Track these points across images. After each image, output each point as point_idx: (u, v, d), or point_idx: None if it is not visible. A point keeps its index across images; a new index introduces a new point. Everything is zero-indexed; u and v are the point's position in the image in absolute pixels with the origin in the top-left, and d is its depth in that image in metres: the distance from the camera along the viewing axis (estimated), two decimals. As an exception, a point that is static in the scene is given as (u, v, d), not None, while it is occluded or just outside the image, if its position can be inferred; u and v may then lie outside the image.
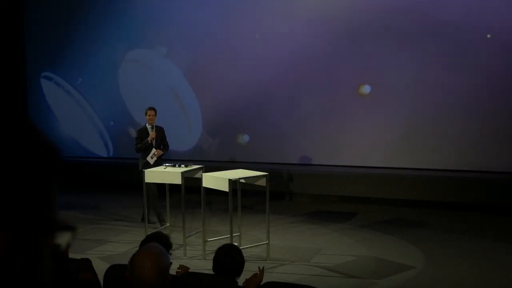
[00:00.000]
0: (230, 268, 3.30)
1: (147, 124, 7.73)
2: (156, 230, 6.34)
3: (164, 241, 3.30)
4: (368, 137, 9.37)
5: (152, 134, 7.64)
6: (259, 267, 3.52)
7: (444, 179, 8.65)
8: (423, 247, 6.56)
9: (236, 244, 5.67)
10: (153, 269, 2.15)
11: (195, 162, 7.78)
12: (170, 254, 3.02)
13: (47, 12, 11.92)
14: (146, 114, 7.75)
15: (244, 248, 4.71)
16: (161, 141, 7.77)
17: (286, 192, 9.49)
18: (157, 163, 7.47)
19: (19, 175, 0.62)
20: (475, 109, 8.77)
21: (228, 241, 5.73)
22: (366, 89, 9.46)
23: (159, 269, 2.16)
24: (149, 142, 7.60)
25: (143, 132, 7.71)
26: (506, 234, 7.12)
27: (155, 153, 7.59)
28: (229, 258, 3.32)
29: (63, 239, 0.67)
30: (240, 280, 3.37)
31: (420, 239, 6.92)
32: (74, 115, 11.79)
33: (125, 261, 2.41)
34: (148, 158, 7.56)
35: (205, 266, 5.69)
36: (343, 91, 9.54)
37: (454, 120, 8.90)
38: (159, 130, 7.77)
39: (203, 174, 6.47)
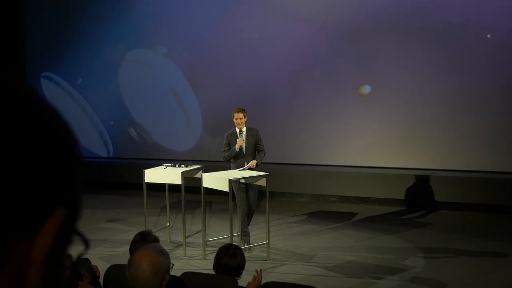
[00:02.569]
0: (231, 268, 3.30)
1: (236, 128, 6.59)
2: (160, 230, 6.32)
3: (150, 240, 3.32)
4: (368, 137, 9.36)
5: (239, 141, 6.46)
6: (256, 270, 3.51)
7: (444, 179, 8.65)
8: (423, 247, 6.56)
9: (236, 244, 5.67)
10: (149, 268, 2.15)
11: (195, 162, 7.78)
12: None
13: (47, 12, 11.93)
14: (233, 117, 6.58)
15: (244, 248, 4.71)
16: (254, 146, 6.59)
17: (286, 192, 9.49)
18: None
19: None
20: (475, 109, 8.76)
21: (228, 241, 5.73)
22: (366, 89, 9.46)
23: (156, 269, 2.16)
24: (237, 150, 6.49)
25: (232, 137, 6.57)
26: (506, 234, 7.12)
27: (246, 168, 6.45)
28: (230, 258, 3.32)
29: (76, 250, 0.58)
30: (241, 281, 3.37)
31: (420, 239, 6.92)
32: (74, 115, 11.79)
33: (125, 261, 2.42)
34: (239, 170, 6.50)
35: (205, 266, 5.69)
36: (343, 91, 9.54)
37: (454, 120, 8.90)
38: (251, 134, 6.58)
39: (203, 174, 6.47)
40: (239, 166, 6.49)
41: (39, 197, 0.50)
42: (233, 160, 6.59)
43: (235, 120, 6.54)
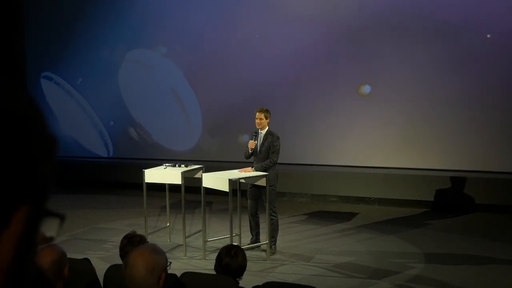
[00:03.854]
0: (232, 269, 3.30)
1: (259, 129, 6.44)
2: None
3: (136, 241, 3.33)
4: (368, 137, 9.36)
5: (251, 143, 6.37)
6: None
7: (444, 179, 8.65)
8: (423, 247, 6.56)
9: (237, 244, 5.66)
10: (145, 268, 2.16)
11: (195, 162, 7.77)
12: None
13: (47, 12, 11.93)
14: (255, 116, 6.43)
15: (244, 248, 4.71)
16: (268, 150, 6.37)
17: (286, 192, 9.48)
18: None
19: None
20: (475, 108, 8.76)
21: (228, 241, 5.73)
22: (366, 89, 9.46)
23: (151, 268, 2.17)
24: (250, 152, 6.41)
25: (252, 136, 6.49)
26: (506, 234, 7.12)
27: (245, 170, 6.38)
28: (231, 259, 3.31)
29: (51, 228, 0.57)
30: (242, 282, 3.36)
31: (420, 239, 6.92)
32: (74, 115, 11.80)
33: (125, 261, 2.43)
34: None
35: (205, 266, 5.69)
36: (343, 91, 9.54)
37: (454, 120, 8.90)
38: (267, 138, 6.38)
39: (203, 174, 6.47)
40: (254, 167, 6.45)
41: (4, 195, 0.49)
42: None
43: (256, 120, 6.40)
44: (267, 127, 6.45)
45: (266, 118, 6.39)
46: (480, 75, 8.69)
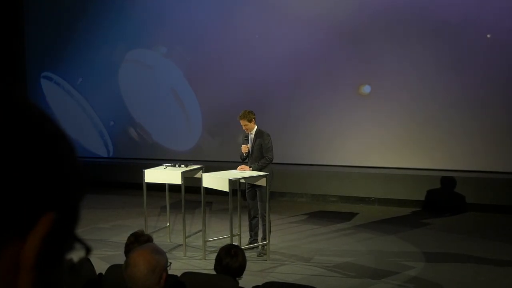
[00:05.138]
0: (233, 269, 3.30)
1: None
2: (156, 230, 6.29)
3: (143, 240, 3.33)
4: (368, 137, 9.36)
5: (243, 147, 6.40)
6: None
7: (444, 179, 8.65)
8: (423, 247, 6.56)
9: (237, 244, 5.66)
10: (146, 267, 2.16)
11: (195, 162, 7.77)
12: None
13: (47, 12, 11.93)
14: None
15: (244, 248, 4.71)
16: (261, 150, 6.38)
17: (286, 192, 9.48)
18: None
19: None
20: (475, 109, 8.76)
21: (228, 241, 5.73)
22: (366, 89, 9.46)
23: (152, 267, 2.17)
24: (244, 155, 6.46)
25: (243, 139, 6.53)
26: (506, 234, 7.12)
27: (244, 168, 6.42)
28: (231, 259, 3.32)
29: (76, 255, 0.57)
30: (242, 281, 3.36)
31: (420, 239, 6.92)
32: (74, 115, 11.79)
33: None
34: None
35: (205, 266, 5.69)
36: (343, 91, 9.54)
37: (454, 120, 8.90)
38: (258, 138, 6.39)
39: (203, 174, 6.47)
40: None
41: (28, 202, 0.49)
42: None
43: (242, 127, 6.46)
44: (255, 127, 6.46)
45: (250, 121, 6.37)
46: (480, 75, 8.69)
